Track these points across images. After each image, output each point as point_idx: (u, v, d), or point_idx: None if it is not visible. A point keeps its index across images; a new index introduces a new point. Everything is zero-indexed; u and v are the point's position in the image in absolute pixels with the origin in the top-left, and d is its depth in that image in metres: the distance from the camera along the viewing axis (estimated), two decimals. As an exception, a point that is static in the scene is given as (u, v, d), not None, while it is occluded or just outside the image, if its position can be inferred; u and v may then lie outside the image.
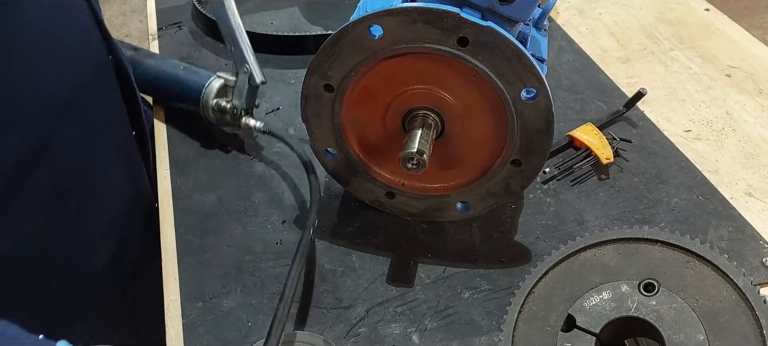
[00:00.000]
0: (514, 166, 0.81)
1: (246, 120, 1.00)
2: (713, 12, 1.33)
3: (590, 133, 1.00)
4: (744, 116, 1.07)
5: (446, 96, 0.79)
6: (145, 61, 1.11)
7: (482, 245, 0.88)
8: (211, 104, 1.02)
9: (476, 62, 0.74)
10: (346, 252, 0.88)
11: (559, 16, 1.34)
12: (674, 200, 0.92)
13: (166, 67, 1.09)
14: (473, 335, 0.77)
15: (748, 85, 1.13)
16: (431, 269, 0.85)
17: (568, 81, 1.15)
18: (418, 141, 0.76)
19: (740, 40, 1.24)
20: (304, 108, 0.84)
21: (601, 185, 0.95)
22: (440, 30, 0.73)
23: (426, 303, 0.81)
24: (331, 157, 0.87)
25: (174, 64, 1.10)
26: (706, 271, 0.65)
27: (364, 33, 0.75)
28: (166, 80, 1.08)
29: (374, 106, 0.82)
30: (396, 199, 0.89)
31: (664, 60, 1.21)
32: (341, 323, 0.79)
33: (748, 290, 0.62)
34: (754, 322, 0.61)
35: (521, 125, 0.77)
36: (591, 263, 0.69)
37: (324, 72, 0.79)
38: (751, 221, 0.89)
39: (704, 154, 1.00)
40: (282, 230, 0.91)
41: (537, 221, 0.90)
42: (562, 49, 1.24)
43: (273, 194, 0.96)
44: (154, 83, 1.10)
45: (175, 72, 1.08)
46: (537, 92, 0.75)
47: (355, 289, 0.83)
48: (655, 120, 1.06)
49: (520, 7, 0.74)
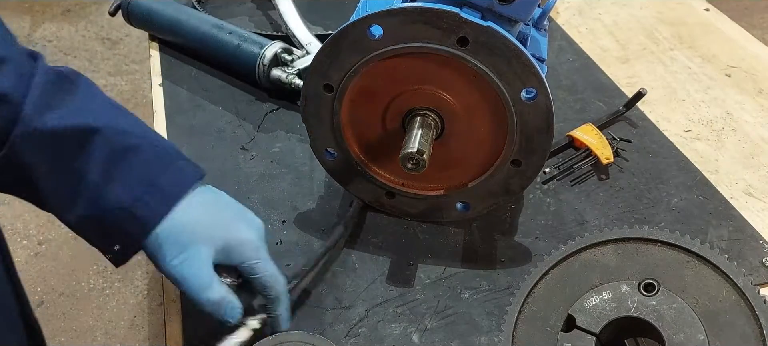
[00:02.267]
0: (514, 166, 0.81)
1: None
2: (713, 12, 1.33)
3: (590, 133, 1.00)
4: (744, 116, 1.07)
5: (446, 96, 0.79)
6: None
7: (482, 245, 0.88)
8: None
9: (476, 62, 0.74)
10: (346, 252, 0.88)
11: (559, 16, 1.34)
12: (674, 200, 0.92)
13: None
14: (473, 335, 0.77)
15: (747, 85, 1.13)
16: (431, 269, 0.85)
17: (568, 81, 1.15)
18: (418, 141, 0.76)
19: (740, 40, 1.24)
20: (304, 108, 0.84)
21: (601, 185, 0.95)
22: (440, 30, 0.73)
23: (426, 303, 0.81)
24: (330, 157, 0.87)
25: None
26: (706, 271, 0.65)
27: (364, 33, 0.75)
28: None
29: (374, 106, 0.82)
30: (396, 199, 0.89)
31: (664, 60, 1.21)
32: (341, 323, 0.79)
33: (748, 290, 0.62)
34: (754, 322, 0.61)
35: (521, 125, 0.77)
36: (591, 263, 0.69)
37: (324, 72, 0.79)
38: (751, 221, 0.89)
39: (704, 154, 1.00)
40: (282, 230, 0.91)
41: (537, 221, 0.90)
42: (562, 49, 1.24)
43: (273, 194, 0.96)
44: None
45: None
46: (537, 92, 0.75)
47: (355, 289, 0.83)
48: (655, 120, 1.06)
49: (520, 7, 0.74)
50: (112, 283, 2.13)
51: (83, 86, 0.74)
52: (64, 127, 0.70)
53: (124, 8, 1.27)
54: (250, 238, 0.74)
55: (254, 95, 1.14)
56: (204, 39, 1.17)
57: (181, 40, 1.23)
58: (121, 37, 3.27)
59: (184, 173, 0.75)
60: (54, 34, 3.31)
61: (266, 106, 1.12)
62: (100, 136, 0.71)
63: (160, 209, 0.71)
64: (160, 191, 0.72)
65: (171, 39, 1.24)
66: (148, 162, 0.73)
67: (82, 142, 0.70)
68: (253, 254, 0.73)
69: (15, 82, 0.69)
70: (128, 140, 0.73)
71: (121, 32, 3.27)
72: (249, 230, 0.75)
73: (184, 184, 0.74)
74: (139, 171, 0.72)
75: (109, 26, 3.31)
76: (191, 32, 1.19)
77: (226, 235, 0.73)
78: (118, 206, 0.70)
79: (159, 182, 0.72)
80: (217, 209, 0.76)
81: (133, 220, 0.70)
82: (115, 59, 3.15)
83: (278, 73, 1.09)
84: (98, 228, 0.72)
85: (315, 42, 1.15)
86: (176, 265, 0.70)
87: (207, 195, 0.76)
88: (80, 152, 0.70)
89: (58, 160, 0.70)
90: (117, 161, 0.71)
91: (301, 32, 1.17)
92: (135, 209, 0.70)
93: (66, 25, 3.36)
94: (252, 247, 0.73)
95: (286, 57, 1.10)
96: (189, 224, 0.72)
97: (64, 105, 0.71)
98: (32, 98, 0.69)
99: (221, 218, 0.75)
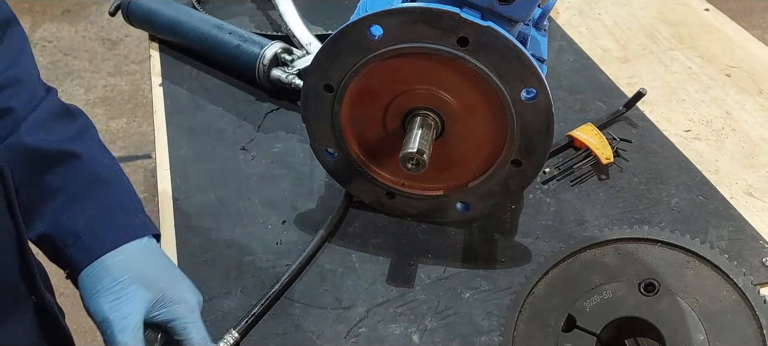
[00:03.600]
0: (514, 166, 0.81)
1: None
2: (713, 12, 1.33)
3: (590, 133, 1.00)
4: (744, 116, 1.07)
5: (446, 96, 0.79)
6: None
7: (482, 245, 0.88)
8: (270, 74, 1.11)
9: (476, 62, 0.74)
10: (346, 252, 0.88)
11: (559, 16, 1.34)
12: (674, 200, 0.92)
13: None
14: (473, 335, 0.77)
15: (747, 85, 1.13)
16: (431, 269, 0.85)
17: (568, 81, 1.15)
18: (418, 141, 0.76)
19: (740, 40, 1.24)
20: (304, 108, 0.84)
21: (601, 185, 0.95)
22: (440, 30, 0.73)
23: (426, 303, 0.81)
24: (331, 157, 0.87)
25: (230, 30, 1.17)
26: (706, 271, 0.65)
27: (364, 33, 0.75)
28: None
29: (374, 106, 0.82)
30: (396, 199, 0.89)
31: (664, 60, 1.21)
32: (341, 323, 0.79)
33: (748, 290, 0.62)
34: (754, 322, 0.61)
35: (521, 125, 0.77)
36: (591, 263, 0.69)
37: (324, 72, 0.79)
38: (751, 220, 0.89)
39: (704, 154, 1.00)
40: (282, 230, 0.91)
41: (537, 221, 0.90)
42: (562, 49, 1.24)
43: (273, 194, 0.96)
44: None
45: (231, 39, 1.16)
46: (537, 92, 0.75)
47: (355, 289, 0.83)
48: (655, 120, 1.06)
49: (519, 7, 0.74)
50: (112, 283, 2.12)
51: (81, 122, 0.79)
52: (49, 149, 0.74)
53: (124, 8, 1.27)
54: (188, 299, 0.73)
55: (254, 95, 1.14)
56: (204, 39, 1.18)
57: (181, 41, 1.23)
58: (121, 37, 3.27)
59: (142, 222, 0.77)
60: (54, 34, 3.31)
61: (266, 106, 1.12)
62: (79, 162, 0.75)
63: (108, 243, 0.72)
64: (113, 227, 0.73)
65: (171, 39, 1.24)
66: (113, 199, 0.76)
67: (62, 164, 0.74)
68: (188, 315, 0.72)
69: (25, 103, 0.75)
70: (103, 174, 0.76)
71: (121, 32, 3.27)
72: (190, 292, 0.74)
73: (139, 229, 0.75)
74: (102, 204, 0.74)
75: (109, 26, 3.31)
76: (191, 32, 1.19)
77: (167, 288, 0.72)
78: (73, 229, 0.72)
79: (116, 219, 0.74)
80: (165, 263, 0.76)
81: (80, 247, 0.72)
82: (115, 59, 3.16)
83: (278, 73, 1.09)
84: (52, 248, 0.74)
85: (315, 42, 1.15)
86: (108, 302, 0.69)
87: (158, 249, 0.76)
88: (58, 172, 0.74)
89: (35, 175, 0.74)
90: (87, 188, 0.74)
91: (301, 32, 1.17)
92: (85, 236, 0.72)
93: (66, 26, 3.36)
94: (188, 307, 0.72)
95: (286, 57, 1.10)
96: (134, 265, 0.72)
97: (58, 132, 0.76)
98: (32, 118, 0.74)
99: (167, 271, 0.75)
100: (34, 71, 0.79)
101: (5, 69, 0.75)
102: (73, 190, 0.74)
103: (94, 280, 0.71)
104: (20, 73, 0.76)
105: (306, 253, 0.85)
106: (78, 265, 0.72)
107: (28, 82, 0.76)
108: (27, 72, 0.77)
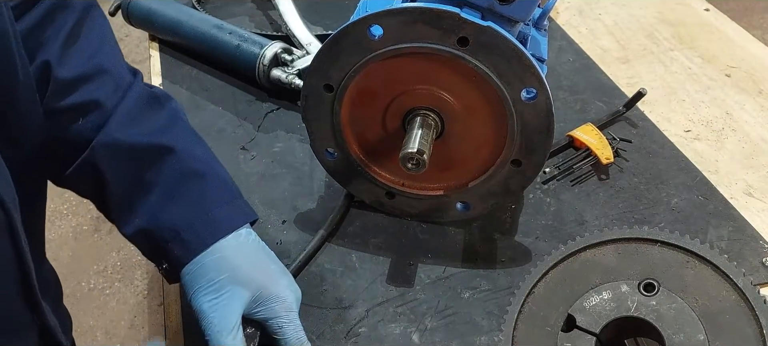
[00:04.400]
0: (514, 166, 0.81)
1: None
2: (713, 12, 1.33)
3: (590, 133, 1.00)
4: (744, 116, 1.07)
5: (446, 96, 0.79)
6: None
7: (482, 245, 0.88)
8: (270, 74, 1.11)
9: (476, 62, 0.74)
10: (346, 252, 0.88)
11: (559, 16, 1.34)
12: (674, 200, 0.92)
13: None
14: (473, 335, 0.77)
15: (747, 85, 1.13)
16: (431, 269, 0.85)
17: (568, 81, 1.15)
18: (418, 141, 0.76)
19: (740, 40, 1.24)
20: (304, 108, 0.84)
21: (601, 185, 0.95)
22: (440, 30, 0.73)
23: (426, 303, 0.81)
24: (331, 157, 0.87)
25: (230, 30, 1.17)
26: (706, 271, 0.65)
27: (364, 33, 0.75)
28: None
29: (374, 106, 0.82)
30: (396, 199, 0.89)
31: (664, 60, 1.21)
32: (341, 323, 0.79)
33: (748, 290, 0.62)
34: (754, 322, 0.61)
35: (521, 125, 0.77)
36: (591, 263, 0.69)
37: (324, 72, 0.79)
38: (750, 221, 0.89)
39: (704, 154, 1.00)
40: (282, 230, 0.91)
41: (537, 221, 0.90)
42: (562, 49, 1.24)
43: (273, 194, 0.96)
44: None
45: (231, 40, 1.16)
46: (537, 92, 0.75)
47: (355, 289, 0.83)
48: (655, 120, 1.06)
49: (520, 7, 0.74)
50: (112, 283, 2.13)
51: (169, 109, 0.78)
52: (143, 144, 0.73)
53: (124, 8, 1.27)
54: (286, 297, 0.72)
55: (254, 95, 1.14)
56: (204, 39, 1.18)
57: (181, 40, 1.23)
58: (121, 37, 3.27)
59: (239, 211, 0.76)
60: (54, 34, 3.31)
61: (266, 106, 1.12)
62: (173, 156, 0.74)
63: (207, 239, 0.72)
64: (211, 222, 0.72)
65: (171, 39, 1.25)
66: (209, 191, 0.74)
67: (157, 159, 0.73)
68: (285, 314, 0.72)
69: (111, 93, 0.73)
70: (197, 166, 0.75)
71: (121, 32, 3.27)
72: (288, 289, 0.73)
73: (235, 221, 0.74)
74: (198, 197, 0.73)
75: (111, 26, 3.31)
76: (191, 32, 1.19)
77: (265, 286, 0.71)
78: (171, 225, 0.72)
79: (213, 213, 0.73)
80: (263, 258, 0.75)
81: (180, 243, 0.71)
82: (115, 59, 3.15)
83: (278, 73, 1.09)
84: (149, 243, 0.74)
85: (315, 42, 1.15)
86: (207, 301, 0.70)
87: (256, 242, 0.75)
88: (153, 167, 0.73)
89: (131, 172, 0.73)
90: (182, 183, 0.73)
91: (301, 32, 1.17)
92: (184, 232, 0.71)
93: (66, 25, 3.36)
94: (286, 306, 0.72)
95: (286, 57, 1.11)
96: (232, 263, 0.71)
97: (149, 123, 0.74)
98: (121, 110, 0.73)
99: (265, 267, 0.74)
100: (118, 57, 0.77)
101: (89, 58, 0.73)
102: (168, 185, 0.73)
103: (194, 278, 0.71)
104: (104, 62, 0.74)
105: (306, 253, 0.86)
106: (180, 259, 0.72)
107: (113, 70, 0.74)
108: (111, 59, 0.75)
